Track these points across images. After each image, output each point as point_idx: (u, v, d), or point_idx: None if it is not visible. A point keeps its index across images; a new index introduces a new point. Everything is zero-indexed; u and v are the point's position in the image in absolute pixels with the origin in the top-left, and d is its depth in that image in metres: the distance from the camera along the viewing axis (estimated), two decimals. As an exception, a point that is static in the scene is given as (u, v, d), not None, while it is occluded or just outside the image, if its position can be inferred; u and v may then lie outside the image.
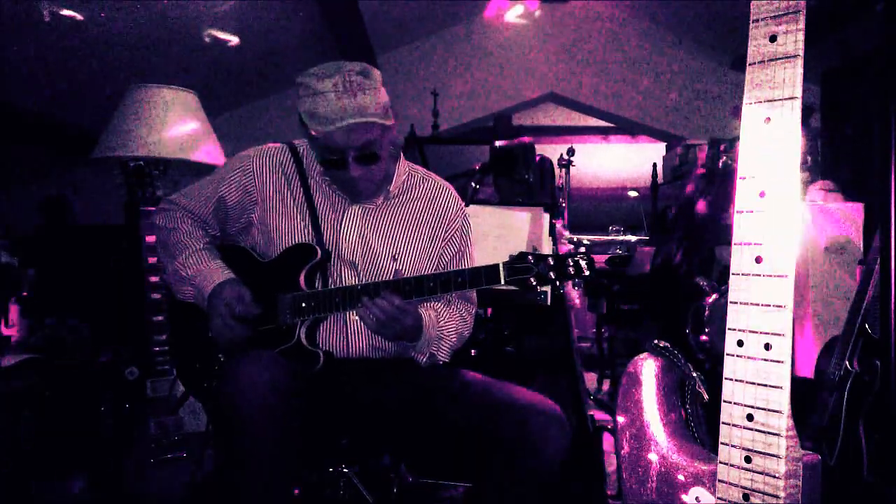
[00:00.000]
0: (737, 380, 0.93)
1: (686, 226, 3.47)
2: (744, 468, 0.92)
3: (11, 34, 3.31)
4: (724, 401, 0.94)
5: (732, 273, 0.93)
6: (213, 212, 1.65)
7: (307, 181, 1.63)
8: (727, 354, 0.94)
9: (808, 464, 0.91)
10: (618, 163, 7.91)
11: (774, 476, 0.89)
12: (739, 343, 0.92)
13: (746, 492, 0.92)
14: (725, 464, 0.94)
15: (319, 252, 1.55)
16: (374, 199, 1.63)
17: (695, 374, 1.16)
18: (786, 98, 0.88)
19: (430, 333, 1.55)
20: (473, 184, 2.65)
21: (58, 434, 2.46)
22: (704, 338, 2.78)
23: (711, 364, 2.53)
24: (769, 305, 0.89)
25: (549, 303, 2.45)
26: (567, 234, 2.87)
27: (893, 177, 1.19)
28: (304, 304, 1.52)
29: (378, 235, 1.63)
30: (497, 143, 2.69)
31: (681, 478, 1.04)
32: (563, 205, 3.65)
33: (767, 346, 0.90)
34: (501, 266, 1.40)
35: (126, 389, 2.13)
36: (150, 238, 2.13)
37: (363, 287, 1.47)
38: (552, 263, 1.38)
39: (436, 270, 1.65)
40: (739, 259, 0.92)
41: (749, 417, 0.91)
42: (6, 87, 3.72)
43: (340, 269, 1.60)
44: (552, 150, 3.67)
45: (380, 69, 1.56)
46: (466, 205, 2.49)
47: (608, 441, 2.53)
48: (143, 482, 2.07)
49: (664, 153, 4.83)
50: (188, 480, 2.07)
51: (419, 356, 1.58)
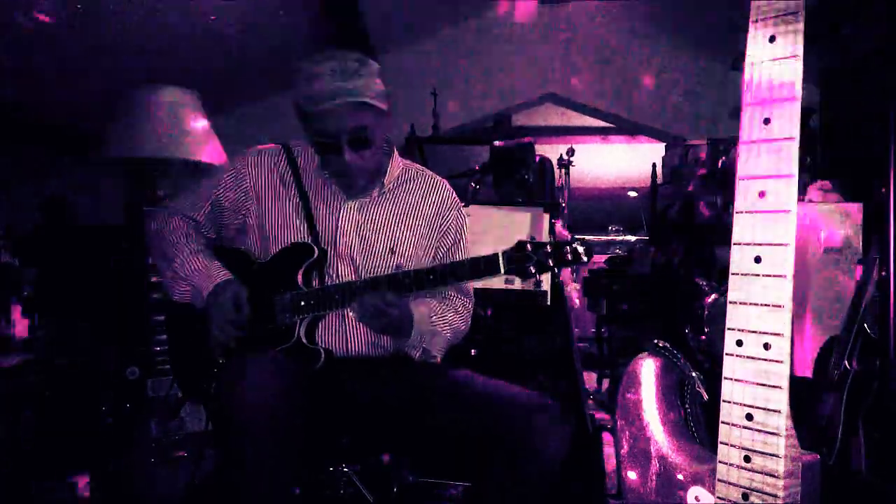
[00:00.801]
0: (736, 379, 0.93)
1: (686, 226, 3.47)
2: (743, 468, 0.92)
3: (11, 34, 3.31)
4: (724, 400, 0.94)
5: (732, 273, 0.93)
6: (209, 215, 1.66)
7: (302, 180, 1.64)
8: (726, 354, 0.94)
9: (808, 463, 0.91)
10: (618, 163, 7.90)
11: (774, 475, 0.89)
12: (739, 343, 0.93)
13: (746, 491, 0.92)
14: (725, 463, 0.95)
15: (316, 250, 1.55)
16: (370, 193, 1.64)
17: (694, 374, 1.16)
18: (785, 98, 0.88)
19: (422, 328, 1.56)
20: (473, 184, 2.65)
21: (58, 434, 2.46)
22: (704, 338, 2.79)
23: (711, 364, 2.53)
24: (768, 305, 0.90)
25: (549, 303, 2.45)
26: (567, 235, 2.88)
27: (893, 177, 1.19)
28: (303, 303, 1.52)
29: (375, 229, 1.63)
30: (497, 143, 2.69)
31: (680, 477, 1.05)
32: (563, 205, 3.65)
33: (766, 346, 0.90)
34: (500, 255, 1.40)
35: (126, 389, 2.13)
36: (151, 238, 2.13)
37: (362, 283, 1.48)
38: (550, 251, 1.39)
39: (433, 263, 1.65)
40: (739, 259, 0.93)
41: (748, 417, 0.92)
42: (6, 87, 3.72)
43: (338, 266, 1.60)
44: (552, 150, 3.67)
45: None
46: (466, 205, 2.50)
47: (608, 441, 2.53)
48: (144, 482, 2.07)
49: (664, 153, 4.82)
50: (188, 480, 2.07)
51: (413, 351, 1.59)
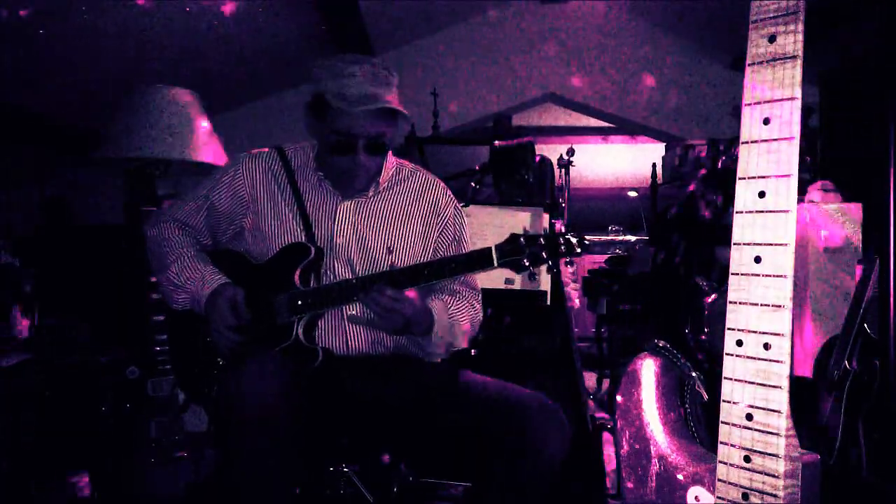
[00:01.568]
0: (736, 379, 0.93)
1: (687, 225, 3.47)
2: (743, 468, 0.92)
3: (11, 34, 3.31)
4: (724, 400, 0.94)
5: (732, 273, 0.93)
6: (205, 220, 1.66)
7: (296, 181, 1.64)
8: (726, 354, 0.94)
9: (808, 463, 0.91)
10: (618, 163, 7.90)
11: (774, 475, 0.89)
12: (739, 343, 0.93)
13: (746, 491, 0.92)
14: (725, 463, 0.95)
15: (313, 250, 1.56)
16: (365, 193, 1.65)
17: (694, 374, 1.16)
18: (785, 98, 0.88)
19: (443, 322, 1.55)
20: (473, 184, 2.65)
21: (58, 434, 2.46)
22: (704, 338, 2.79)
23: (711, 364, 2.53)
24: (768, 305, 0.90)
25: (549, 303, 2.45)
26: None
27: (893, 177, 1.19)
28: (300, 302, 1.52)
29: (372, 228, 1.64)
30: (497, 143, 2.69)
31: (680, 477, 1.05)
32: (563, 205, 3.64)
33: (767, 346, 0.90)
34: (494, 249, 1.40)
35: (127, 389, 2.13)
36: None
37: (359, 280, 1.48)
38: (543, 243, 1.39)
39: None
40: (739, 259, 0.93)
41: (748, 417, 0.92)
42: (6, 87, 3.72)
43: (335, 266, 1.61)
44: (552, 151, 3.67)
45: (379, 69, 1.58)
46: (466, 205, 2.50)
47: (608, 440, 2.53)
48: (144, 482, 2.07)
49: (664, 153, 4.82)
50: (189, 480, 2.07)
51: (437, 348, 1.58)
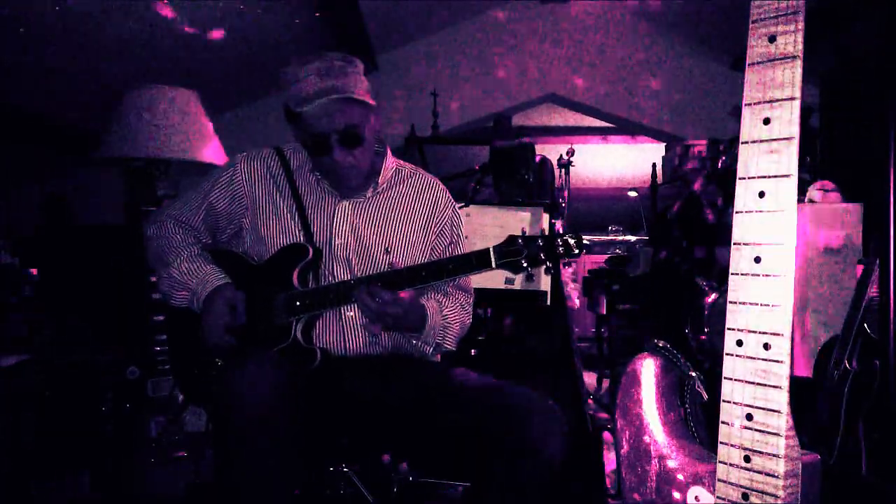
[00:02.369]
0: (736, 379, 0.93)
1: (688, 225, 3.47)
2: (743, 468, 0.92)
3: (11, 34, 3.31)
4: (724, 400, 0.94)
5: (732, 273, 0.93)
6: (204, 219, 1.66)
7: (294, 181, 1.64)
8: (726, 354, 0.94)
9: (808, 463, 0.91)
10: (618, 163, 7.91)
11: (774, 475, 0.89)
12: (739, 343, 0.93)
13: (746, 491, 0.92)
14: (725, 463, 0.95)
15: (310, 251, 1.56)
16: (364, 193, 1.65)
17: (694, 374, 1.16)
18: (785, 98, 0.88)
19: (435, 321, 1.57)
20: (473, 184, 2.66)
21: (58, 434, 2.46)
22: (704, 337, 2.79)
23: (711, 364, 2.53)
24: (768, 305, 0.90)
25: (549, 303, 2.46)
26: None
27: (893, 177, 1.19)
28: (298, 303, 1.52)
29: (370, 229, 1.64)
30: (497, 144, 2.69)
31: (680, 477, 1.05)
32: (563, 205, 3.65)
33: (766, 346, 0.90)
34: (492, 250, 1.40)
35: (127, 389, 2.14)
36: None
37: (356, 281, 1.48)
38: (542, 244, 1.39)
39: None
40: (739, 259, 0.93)
41: (748, 417, 0.92)
42: (6, 87, 3.72)
43: (333, 266, 1.61)
44: (552, 151, 3.67)
45: (380, 69, 1.59)
46: (466, 205, 2.50)
47: (608, 441, 2.53)
48: (144, 482, 2.07)
49: (664, 153, 4.82)
50: (189, 480, 2.07)
51: (426, 347, 1.60)
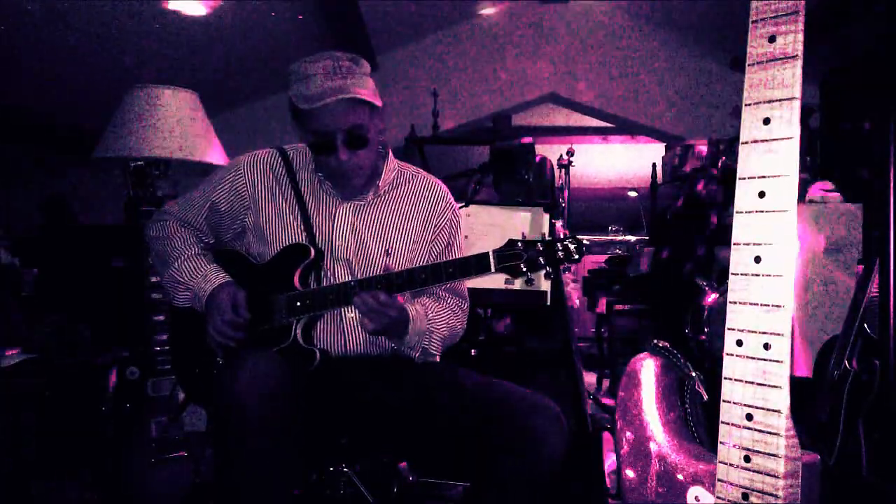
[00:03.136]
0: (736, 379, 0.93)
1: (690, 225, 3.47)
2: (743, 467, 0.92)
3: (11, 34, 3.31)
4: (724, 400, 0.94)
5: (732, 273, 0.93)
6: (206, 219, 1.67)
7: (297, 182, 1.64)
8: (726, 354, 0.94)
9: (808, 463, 0.91)
10: (618, 163, 7.91)
11: (774, 475, 0.89)
12: (739, 343, 0.93)
13: (746, 491, 0.92)
14: (725, 463, 0.95)
15: (312, 251, 1.56)
16: (365, 196, 1.65)
17: (694, 374, 1.16)
18: (785, 98, 0.88)
19: (419, 327, 1.55)
20: (473, 184, 2.66)
21: (58, 434, 2.46)
22: (704, 337, 2.79)
23: (711, 364, 2.53)
24: (768, 305, 0.90)
25: (549, 303, 2.46)
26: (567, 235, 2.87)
27: (893, 177, 1.19)
28: (299, 304, 1.52)
29: (370, 231, 1.64)
30: (497, 144, 2.69)
31: (680, 477, 1.05)
32: (563, 205, 3.65)
33: (766, 346, 0.90)
34: (491, 254, 1.40)
35: (127, 389, 2.13)
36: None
37: (356, 283, 1.48)
38: (541, 249, 1.38)
39: (427, 263, 1.65)
40: (739, 259, 0.93)
41: (748, 417, 0.92)
42: (6, 87, 3.72)
43: (334, 267, 1.61)
44: (552, 151, 3.68)
45: (380, 69, 1.59)
46: (466, 205, 2.50)
47: (608, 441, 2.53)
48: (144, 482, 2.07)
49: (664, 153, 4.83)
50: (189, 480, 2.07)
51: (411, 351, 1.59)
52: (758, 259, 0.91)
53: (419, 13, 5.18)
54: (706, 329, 2.77)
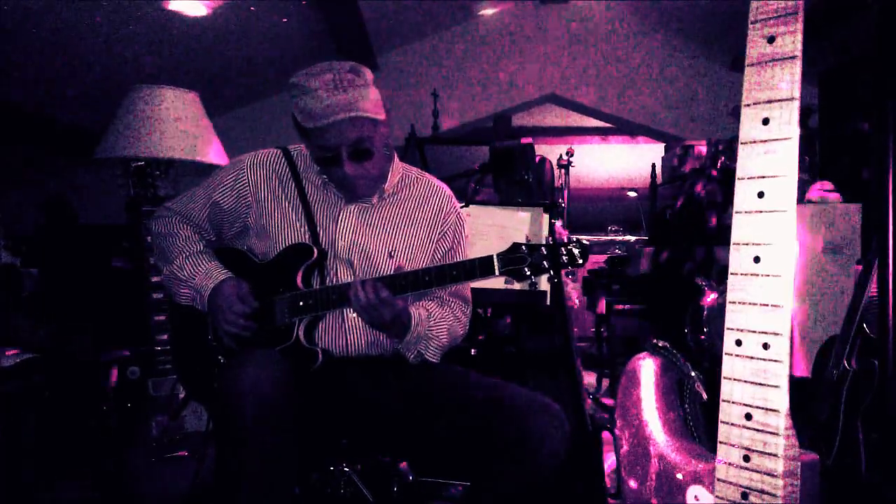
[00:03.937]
0: (735, 379, 0.93)
1: (689, 225, 3.47)
2: (742, 467, 0.93)
3: (12, 34, 3.31)
4: (723, 400, 0.95)
5: (731, 273, 0.94)
6: (209, 217, 1.66)
7: (301, 183, 1.64)
8: (726, 354, 0.94)
9: (807, 463, 0.92)
10: (617, 163, 7.92)
11: (773, 475, 0.90)
12: (738, 342, 0.93)
13: (745, 490, 0.93)
14: (724, 463, 0.95)
15: (315, 251, 1.56)
16: (370, 199, 1.65)
17: (693, 374, 1.16)
18: (784, 99, 0.89)
19: (419, 331, 1.56)
20: (473, 184, 2.66)
21: (59, 434, 2.46)
22: (703, 337, 2.79)
23: (710, 363, 2.53)
24: (767, 305, 0.90)
25: (549, 303, 2.46)
26: (566, 235, 2.88)
27: (892, 177, 1.19)
28: (302, 303, 1.53)
29: (373, 233, 1.64)
30: (497, 144, 2.69)
31: (680, 477, 1.05)
32: (563, 205, 3.65)
33: (766, 346, 0.90)
34: (495, 257, 1.41)
35: (127, 389, 2.14)
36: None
37: (359, 284, 1.48)
38: (545, 253, 1.39)
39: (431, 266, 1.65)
40: (738, 259, 0.93)
41: (748, 417, 0.92)
42: (6, 87, 3.72)
43: (337, 268, 1.61)
44: (552, 151, 3.68)
45: (380, 69, 1.59)
46: (466, 205, 2.50)
47: (608, 440, 2.53)
48: (145, 482, 2.07)
49: (663, 153, 4.83)
50: (190, 480, 2.08)
51: (408, 354, 1.59)
52: (757, 259, 0.91)
53: (419, 14, 5.18)
54: (705, 329, 2.77)
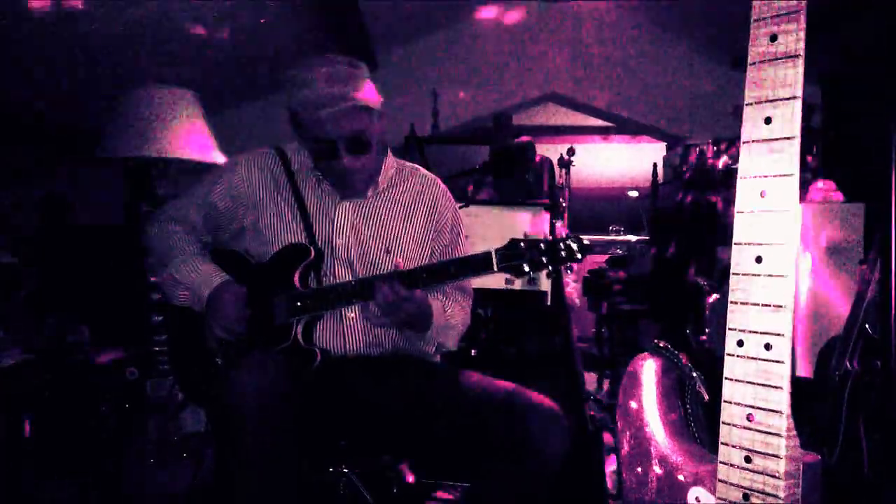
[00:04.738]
0: (737, 380, 0.93)
1: (692, 226, 3.46)
2: (744, 468, 0.92)
3: (11, 34, 3.31)
4: (724, 401, 0.94)
5: (732, 273, 0.93)
6: (204, 219, 1.66)
7: (296, 182, 1.64)
8: (727, 354, 0.94)
9: (808, 464, 0.91)
10: (618, 163, 7.90)
11: (774, 476, 0.89)
12: (739, 343, 0.92)
13: (746, 492, 0.92)
14: (725, 464, 0.94)
15: (312, 251, 1.56)
16: (364, 194, 1.65)
17: (695, 374, 1.16)
18: (786, 98, 0.88)
19: (439, 322, 1.57)
20: (473, 184, 2.65)
21: (58, 434, 2.46)
22: (704, 338, 2.79)
23: (711, 364, 2.52)
24: (769, 305, 0.89)
25: (549, 303, 2.45)
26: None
27: (893, 177, 1.19)
28: (300, 304, 1.52)
29: (370, 229, 1.64)
30: (497, 144, 2.69)
31: (681, 478, 1.04)
32: (563, 205, 3.64)
33: (767, 346, 0.90)
34: (493, 253, 1.40)
35: (126, 390, 2.14)
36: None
37: (357, 283, 1.48)
38: (544, 248, 1.38)
39: (430, 261, 1.66)
40: (739, 259, 0.92)
41: (749, 417, 0.91)
42: (6, 87, 3.72)
43: (334, 267, 1.61)
44: (552, 150, 3.67)
45: (380, 69, 1.59)
46: (466, 205, 2.50)
47: (608, 441, 2.53)
48: (143, 482, 2.07)
49: (664, 153, 4.83)
50: (189, 480, 2.07)
51: (429, 347, 1.60)
52: (759, 259, 0.90)
53: (419, 13, 5.18)
54: (707, 329, 2.77)
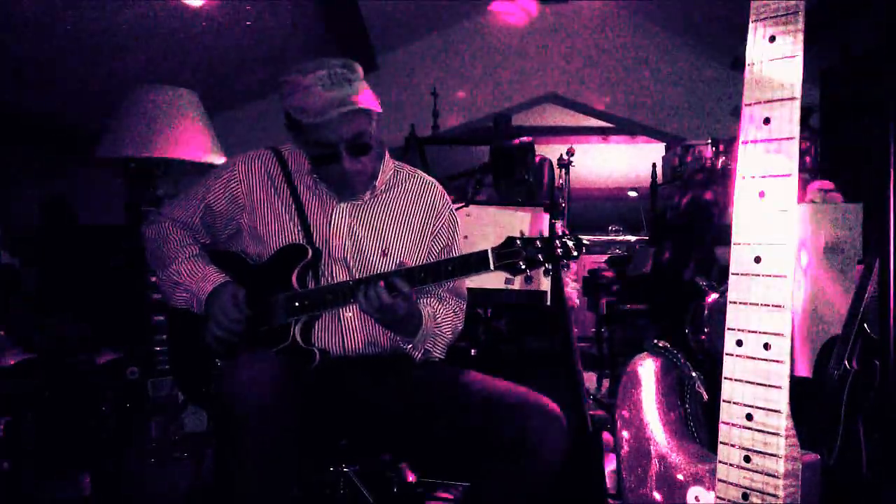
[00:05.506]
0: (736, 379, 0.93)
1: (692, 226, 3.47)
2: (743, 467, 0.92)
3: (11, 34, 3.31)
4: (724, 400, 0.94)
5: (732, 273, 0.93)
6: (202, 220, 1.67)
7: (293, 182, 1.64)
8: (726, 354, 0.94)
9: (808, 463, 0.91)
10: (618, 163, 7.91)
11: (774, 475, 0.89)
12: (739, 343, 0.93)
13: (746, 491, 0.92)
14: (725, 463, 0.95)
15: (310, 251, 1.56)
16: (362, 196, 1.65)
17: (694, 374, 1.16)
18: (785, 98, 0.88)
19: (428, 328, 1.57)
20: (473, 184, 2.65)
21: (58, 434, 2.46)
22: (704, 337, 2.79)
23: (711, 364, 2.52)
24: (768, 305, 0.90)
25: (549, 303, 2.46)
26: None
27: (893, 177, 1.19)
28: (297, 304, 1.52)
29: (367, 231, 1.64)
30: (497, 144, 2.69)
31: (680, 477, 1.05)
32: (563, 205, 3.64)
33: (767, 346, 0.90)
34: (490, 251, 1.40)
35: (127, 389, 2.14)
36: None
37: (354, 283, 1.48)
38: (540, 246, 1.39)
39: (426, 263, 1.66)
40: (739, 259, 0.93)
41: (748, 417, 0.92)
42: (6, 87, 3.72)
43: (332, 267, 1.61)
44: (552, 150, 3.67)
45: (380, 69, 1.59)
46: (466, 205, 2.50)
47: (608, 441, 2.53)
48: (144, 482, 2.07)
49: (664, 153, 4.83)
50: (189, 480, 2.07)
51: (415, 352, 1.59)
52: (758, 259, 0.91)
53: (419, 13, 5.18)
54: (706, 329, 2.77)
